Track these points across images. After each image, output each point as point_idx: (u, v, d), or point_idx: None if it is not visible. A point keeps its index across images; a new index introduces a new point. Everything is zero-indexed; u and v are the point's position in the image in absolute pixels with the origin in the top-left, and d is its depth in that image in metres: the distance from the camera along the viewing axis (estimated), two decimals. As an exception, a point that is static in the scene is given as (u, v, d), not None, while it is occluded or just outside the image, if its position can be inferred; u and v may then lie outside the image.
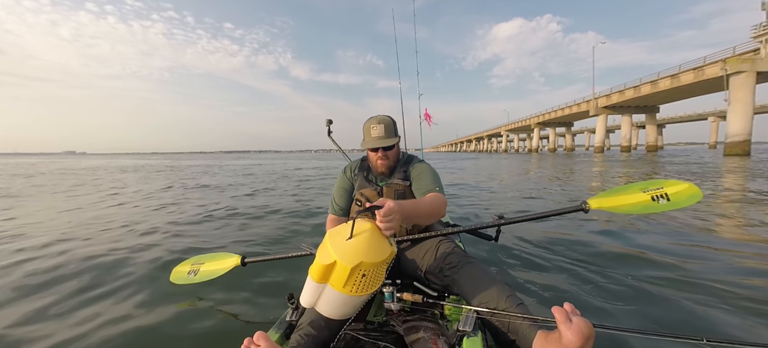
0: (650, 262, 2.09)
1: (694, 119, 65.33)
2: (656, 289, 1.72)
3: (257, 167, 18.28)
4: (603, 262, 2.12)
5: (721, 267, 2.03)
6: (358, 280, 0.94)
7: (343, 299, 0.97)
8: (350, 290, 0.95)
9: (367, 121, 1.54)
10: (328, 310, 1.01)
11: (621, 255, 2.23)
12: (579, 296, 1.72)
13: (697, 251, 2.29)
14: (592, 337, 0.83)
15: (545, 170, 12.06)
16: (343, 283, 0.94)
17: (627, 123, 34.99)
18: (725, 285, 1.76)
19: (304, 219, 4.18)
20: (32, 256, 2.67)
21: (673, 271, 1.95)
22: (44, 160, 41.25)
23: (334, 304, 0.99)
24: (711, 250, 2.30)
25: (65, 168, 19.34)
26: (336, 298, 0.98)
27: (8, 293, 2.02)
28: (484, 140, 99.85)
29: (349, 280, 0.94)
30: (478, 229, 1.53)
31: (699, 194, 1.20)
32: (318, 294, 1.00)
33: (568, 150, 52.67)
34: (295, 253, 1.71)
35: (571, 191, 6.34)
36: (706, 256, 2.22)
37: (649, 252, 2.27)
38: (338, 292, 0.95)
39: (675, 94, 30.07)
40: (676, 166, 12.78)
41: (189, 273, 1.90)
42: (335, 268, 0.95)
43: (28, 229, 3.73)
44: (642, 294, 1.68)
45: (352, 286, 0.95)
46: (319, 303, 1.01)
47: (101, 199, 6.26)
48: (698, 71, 24.66)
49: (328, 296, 0.99)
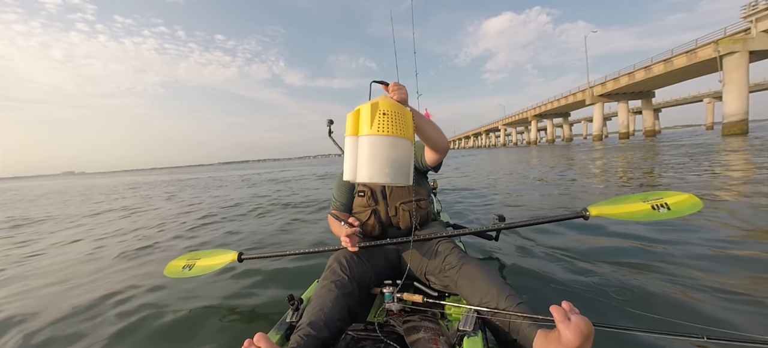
0: (651, 259, 2.04)
1: (690, 101, 65.47)
2: (658, 287, 1.68)
3: (257, 176, 18.30)
4: (605, 259, 2.08)
5: (725, 261, 1.96)
6: (380, 118, 1.07)
7: (375, 144, 1.07)
8: (378, 129, 1.07)
9: None
10: (367, 165, 1.08)
11: (622, 253, 2.15)
12: (580, 294, 1.69)
13: (700, 247, 2.19)
14: (591, 335, 0.82)
15: (546, 162, 11.99)
16: (369, 124, 1.08)
17: (623, 110, 35.11)
18: (729, 281, 1.70)
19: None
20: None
21: (675, 267, 1.90)
22: (45, 182, 41.22)
23: (370, 153, 1.08)
24: (715, 246, 2.20)
25: (66, 188, 19.34)
26: (369, 145, 1.08)
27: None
28: (482, 136, 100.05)
29: (374, 121, 1.07)
30: (478, 233, 1.54)
31: (699, 204, 1.23)
32: (355, 151, 1.11)
33: (566, 140, 52.85)
34: (293, 250, 1.67)
35: (587, 184, 6.10)
36: (710, 252, 2.11)
37: (652, 248, 2.20)
38: (368, 136, 1.08)
39: (669, 78, 30.22)
40: (681, 148, 12.50)
41: (184, 267, 1.86)
42: (360, 114, 1.10)
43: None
44: (643, 292, 1.65)
45: (378, 125, 1.07)
46: (359, 163, 1.10)
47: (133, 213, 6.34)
48: (691, 54, 24.80)
49: (363, 148, 1.09)
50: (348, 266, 1.29)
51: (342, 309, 1.16)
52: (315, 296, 1.21)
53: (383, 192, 1.55)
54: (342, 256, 1.34)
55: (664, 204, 1.24)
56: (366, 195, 1.55)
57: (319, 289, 1.23)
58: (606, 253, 2.15)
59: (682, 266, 1.92)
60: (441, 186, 6.49)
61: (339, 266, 1.29)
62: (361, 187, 1.57)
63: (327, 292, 1.19)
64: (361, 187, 1.57)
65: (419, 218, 1.52)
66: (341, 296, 1.18)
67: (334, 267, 1.29)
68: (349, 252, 1.36)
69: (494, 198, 5.15)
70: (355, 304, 1.24)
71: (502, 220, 1.58)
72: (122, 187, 16.56)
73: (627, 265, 1.97)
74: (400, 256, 1.51)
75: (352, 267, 1.29)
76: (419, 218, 1.52)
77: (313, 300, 1.19)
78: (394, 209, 1.53)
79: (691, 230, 2.44)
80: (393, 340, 1.13)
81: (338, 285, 1.21)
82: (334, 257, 1.36)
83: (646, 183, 5.33)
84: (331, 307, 1.14)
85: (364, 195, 1.55)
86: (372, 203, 1.54)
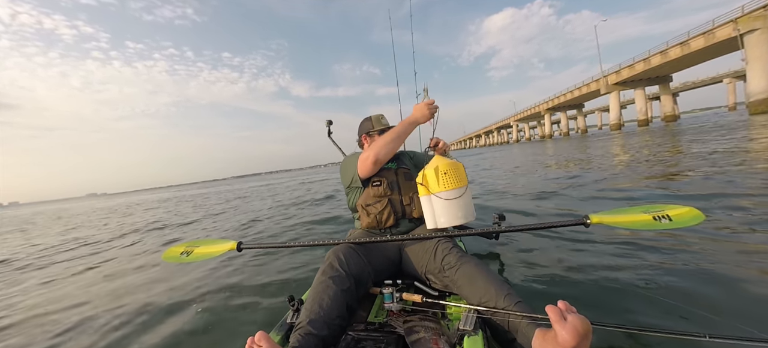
0: (651, 255, 1.94)
1: (708, 83, 63.51)
2: (658, 285, 1.61)
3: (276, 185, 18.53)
4: (605, 257, 2.01)
5: (733, 255, 1.80)
6: (442, 177, 1.40)
7: (445, 198, 1.39)
8: (443, 186, 1.40)
9: (372, 115, 1.82)
10: (444, 215, 1.41)
11: (624, 254, 2.03)
12: (580, 293, 1.65)
13: (705, 242, 2.03)
14: (588, 334, 0.81)
15: (570, 155, 10.93)
16: (436, 184, 1.41)
17: (641, 96, 34.34)
18: (733, 277, 1.59)
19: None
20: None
21: (677, 265, 1.79)
22: (72, 204, 42.51)
23: (443, 205, 1.40)
24: (721, 237, 2.06)
25: (108, 207, 19.55)
26: (441, 200, 1.40)
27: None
28: (494, 133, 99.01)
29: (439, 180, 1.40)
30: (478, 233, 1.57)
31: (701, 216, 1.21)
32: (431, 206, 1.44)
33: (582, 132, 51.93)
34: (292, 243, 1.68)
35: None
36: (716, 247, 1.94)
37: (652, 245, 2.08)
38: (436, 193, 1.41)
39: (687, 61, 29.46)
40: (716, 131, 10.83)
41: (182, 254, 1.82)
42: (426, 177, 1.44)
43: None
44: (643, 290, 1.58)
45: (442, 183, 1.40)
46: (437, 214, 1.43)
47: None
48: (709, 35, 24.19)
49: (437, 203, 1.42)
50: (346, 261, 1.26)
51: (340, 306, 1.14)
52: (312, 291, 1.19)
53: (397, 182, 1.61)
54: (340, 250, 1.31)
55: (665, 215, 1.23)
56: (382, 184, 1.57)
57: (317, 284, 1.20)
58: (607, 254, 2.04)
59: (686, 264, 1.79)
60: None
61: (337, 261, 1.25)
62: (377, 178, 1.60)
63: (325, 287, 1.17)
64: (376, 178, 1.60)
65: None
66: (340, 292, 1.16)
67: (331, 261, 1.26)
68: (348, 247, 1.34)
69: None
70: (354, 300, 1.22)
71: (503, 219, 1.69)
72: (166, 202, 16.25)
73: (628, 264, 1.88)
74: (399, 255, 1.51)
75: (350, 262, 1.26)
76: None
77: (311, 295, 1.17)
78: (408, 198, 1.59)
79: (693, 230, 2.19)
80: (393, 341, 1.13)
81: (336, 280, 1.19)
82: (332, 252, 1.32)
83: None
84: (330, 304, 1.12)
85: (379, 184, 1.57)
86: (388, 191, 1.58)
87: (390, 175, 1.64)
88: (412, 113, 1.55)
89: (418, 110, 1.52)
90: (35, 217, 18.35)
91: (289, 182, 22.02)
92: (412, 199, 1.60)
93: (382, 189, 1.58)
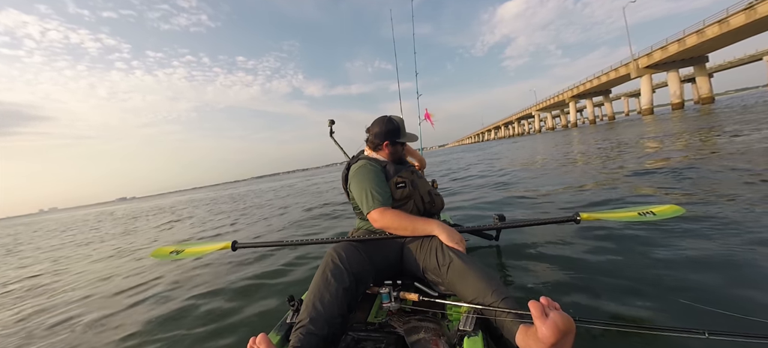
0: (651, 253, 1.88)
1: (746, 61, 59.79)
2: (658, 283, 1.56)
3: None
4: (604, 255, 1.96)
5: (739, 250, 1.70)
6: None
7: None
8: None
9: (398, 119, 1.70)
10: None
11: (622, 251, 1.99)
12: (579, 291, 1.60)
13: (711, 234, 1.96)
14: (570, 332, 0.80)
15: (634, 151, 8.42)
16: None
17: (674, 79, 32.75)
18: (735, 274, 1.51)
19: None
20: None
21: (678, 263, 1.73)
22: (107, 208, 43.87)
23: None
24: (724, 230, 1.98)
25: (151, 208, 20.04)
26: None
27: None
28: (514, 124, 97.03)
29: None
30: (479, 230, 1.56)
31: (680, 210, 1.46)
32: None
33: (609, 119, 50.17)
34: (288, 241, 1.62)
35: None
36: (721, 243, 1.85)
37: (652, 243, 2.01)
38: None
39: (724, 39, 27.99)
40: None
41: (171, 253, 1.82)
42: None
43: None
44: (643, 288, 1.53)
45: None
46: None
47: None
48: (750, 11, 22.91)
49: None
50: (347, 258, 1.24)
51: (341, 304, 1.13)
52: (312, 288, 1.17)
53: (415, 182, 1.60)
54: (340, 248, 1.29)
55: (649, 212, 1.46)
56: (407, 185, 1.57)
57: (317, 281, 1.18)
58: (607, 251, 2.01)
59: (688, 261, 1.73)
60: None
61: (338, 257, 1.24)
62: (400, 178, 1.57)
63: (325, 284, 1.15)
64: (400, 180, 1.57)
65: (441, 204, 1.68)
66: (341, 290, 1.15)
67: (332, 258, 1.24)
68: (348, 244, 1.33)
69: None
70: (354, 298, 1.21)
71: (502, 220, 1.70)
72: (195, 204, 16.60)
73: (627, 261, 1.85)
74: (399, 254, 1.48)
75: (350, 259, 1.25)
76: (441, 204, 1.68)
77: (311, 292, 1.15)
78: (427, 194, 1.61)
79: (691, 229, 2.14)
80: (393, 341, 1.12)
81: (337, 278, 1.17)
82: (332, 249, 1.30)
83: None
84: (331, 302, 1.11)
85: (404, 186, 1.56)
86: (411, 190, 1.57)
87: (408, 175, 1.62)
88: (441, 230, 1.35)
89: (448, 235, 1.33)
90: (107, 216, 18.73)
91: (312, 180, 22.18)
92: (431, 194, 1.62)
93: (407, 190, 1.56)
